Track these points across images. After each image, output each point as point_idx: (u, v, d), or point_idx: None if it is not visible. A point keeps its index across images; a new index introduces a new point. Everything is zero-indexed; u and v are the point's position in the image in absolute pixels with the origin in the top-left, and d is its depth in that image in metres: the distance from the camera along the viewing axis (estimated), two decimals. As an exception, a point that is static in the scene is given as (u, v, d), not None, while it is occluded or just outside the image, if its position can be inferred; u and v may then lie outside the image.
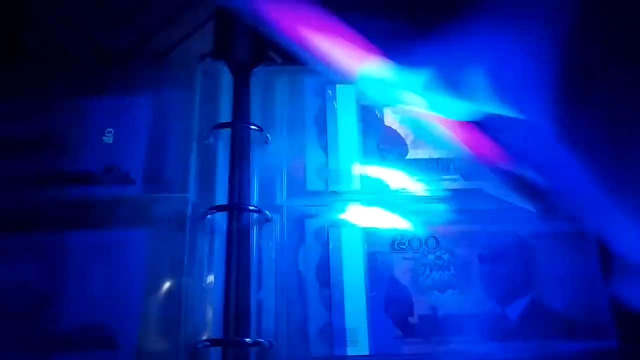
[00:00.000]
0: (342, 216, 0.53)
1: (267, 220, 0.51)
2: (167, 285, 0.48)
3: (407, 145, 0.55)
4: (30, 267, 0.47)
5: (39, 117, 0.52)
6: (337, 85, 0.57)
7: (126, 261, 0.48)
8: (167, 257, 0.49)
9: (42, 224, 0.48)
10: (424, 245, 0.52)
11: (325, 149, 0.55)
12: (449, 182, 0.54)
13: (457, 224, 0.52)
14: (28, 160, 0.50)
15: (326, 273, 0.51)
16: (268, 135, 0.54)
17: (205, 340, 0.47)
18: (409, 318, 0.50)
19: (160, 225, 0.50)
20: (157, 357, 0.46)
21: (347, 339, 0.49)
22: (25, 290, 0.46)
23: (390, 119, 0.56)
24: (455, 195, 0.53)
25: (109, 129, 0.52)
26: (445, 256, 0.51)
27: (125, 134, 0.52)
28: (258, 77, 0.56)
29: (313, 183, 0.54)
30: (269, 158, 0.54)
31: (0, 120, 0.52)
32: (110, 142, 0.51)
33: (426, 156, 0.55)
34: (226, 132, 0.54)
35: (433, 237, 0.52)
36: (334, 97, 0.57)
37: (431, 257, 0.51)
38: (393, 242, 0.52)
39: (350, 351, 0.49)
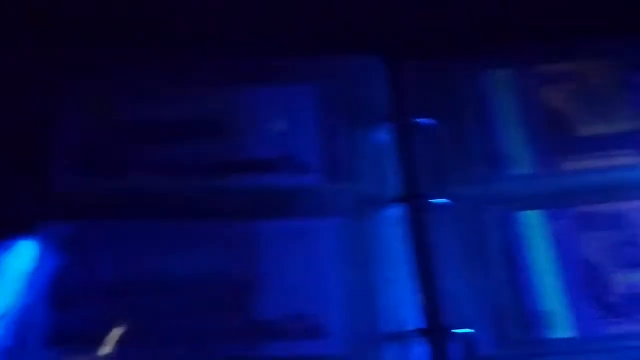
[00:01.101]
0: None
1: (446, 208, 0.49)
2: (362, 275, 0.46)
3: (573, 123, 0.54)
4: (226, 255, 0.45)
5: (209, 104, 0.51)
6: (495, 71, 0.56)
7: (319, 250, 0.46)
8: (356, 247, 0.47)
9: (230, 212, 0.47)
10: (614, 223, 0.49)
11: (491, 134, 0.53)
12: (625, 159, 0.52)
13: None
14: (203, 147, 0.49)
15: (515, 257, 0.49)
16: (433, 123, 0.52)
17: (413, 330, 0.44)
18: (608, 297, 0.47)
19: (345, 215, 0.48)
20: (363, 346, 0.44)
21: (549, 322, 0.46)
22: (225, 279, 0.44)
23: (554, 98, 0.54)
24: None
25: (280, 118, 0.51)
26: (637, 232, 0.49)
27: (296, 124, 0.51)
28: (415, 66, 0.55)
29: (482, 169, 0.52)
30: (437, 146, 0.52)
31: (179, 104, 0.51)
32: (283, 131, 0.51)
33: (597, 133, 0.53)
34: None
35: (623, 213, 0.50)
36: (492, 81, 0.55)
37: (622, 234, 0.49)
38: (579, 221, 0.50)
39: (555, 334, 0.46)
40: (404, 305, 0.46)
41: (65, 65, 0.50)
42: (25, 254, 0.40)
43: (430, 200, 0.49)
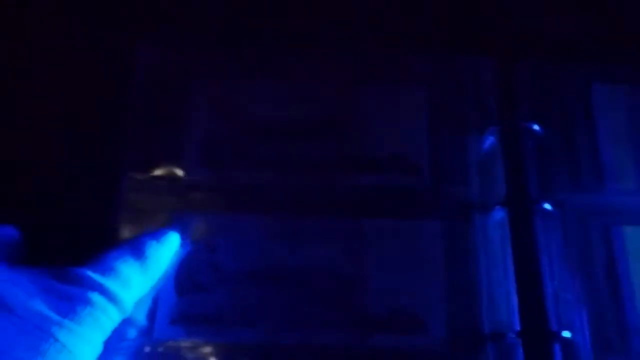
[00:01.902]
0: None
1: (549, 214, 0.50)
2: (465, 276, 0.48)
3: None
4: (333, 251, 0.47)
5: (321, 102, 0.53)
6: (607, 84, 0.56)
7: (423, 251, 0.48)
8: (460, 249, 0.49)
9: (338, 209, 0.49)
10: None
11: (598, 147, 0.54)
12: None
13: None
14: (316, 145, 0.51)
15: (618, 269, 0.49)
16: (541, 128, 0.53)
17: (512, 332, 0.46)
18: None
19: (450, 217, 0.50)
20: (463, 345, 0.46)
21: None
22: (332, 274, 0.47)
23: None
24: None
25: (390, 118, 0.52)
26: None
27: (406, 124, 0.52)
28: (526, 69, 0.56)
29: (588, 180, 0.53)
30: (544, 153, 0.53)
31: (291, 103, 0.53)
32: (393, 131, 0.52)
33: None
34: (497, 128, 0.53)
35: None
36: (600, 94, 0.55)
37: None
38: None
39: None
40: (504, 307, 0.47)
41: (194, 66, 0.53)
42: (169, 244, 0.44)
43: (535, 206, 0.50)
